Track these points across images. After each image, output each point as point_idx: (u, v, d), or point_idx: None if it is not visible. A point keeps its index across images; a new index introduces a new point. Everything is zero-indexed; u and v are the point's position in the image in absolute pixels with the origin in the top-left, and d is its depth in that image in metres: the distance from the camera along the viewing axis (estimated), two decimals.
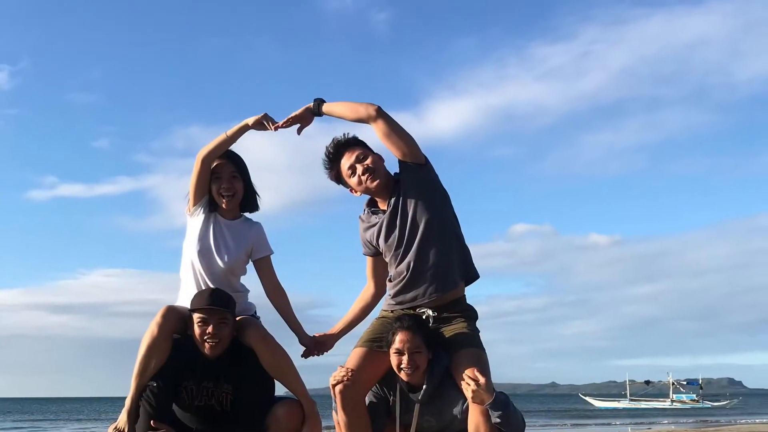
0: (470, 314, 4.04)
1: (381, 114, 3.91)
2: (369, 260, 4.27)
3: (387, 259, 4.10)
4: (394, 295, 4.05)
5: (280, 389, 4.11)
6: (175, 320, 3.94)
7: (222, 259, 4.11)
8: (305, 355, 4.30)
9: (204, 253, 4.12)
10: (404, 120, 4.04)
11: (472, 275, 4.11)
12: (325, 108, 4.07)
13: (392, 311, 4.07)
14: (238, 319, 4.01)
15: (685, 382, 67.25)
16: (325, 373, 4.01)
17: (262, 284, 4.32)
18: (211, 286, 4.04)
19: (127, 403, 3.93)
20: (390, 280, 4.11)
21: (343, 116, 4.03)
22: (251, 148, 4.40)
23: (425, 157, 4.03)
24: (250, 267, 4.30)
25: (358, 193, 4.13)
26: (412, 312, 3.98)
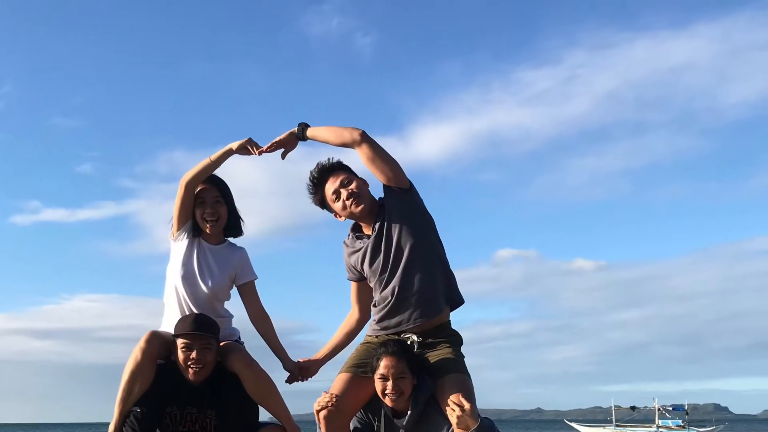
0: (455, 339, 4.01)
1: (365, 138, 3.91)
2: (354, 285, 4.24)
3: (372, 285, 4.07)
4: (379, 321, 4.02)
5: (264, 415, 4.07)
6: (158, 345, 3.91)
7: (206, 284, 4.08)
8: (289, 380, 4.26)
9: (188, 278, 4.08)
10: (389, 144, 4.05)
11: (457, 300, 4.08)
12: (309, 132, 4.06)
13: (377, 336, 4.04)
14: (222, 344, 3.98)
15: (671, 408, 66.58)
16: (310, 399, 3.97)
17: (246, 309, 4.28)
18: (195, 311, 4.01)
19: (111, 429, 3.89)
20: (375, 306, 4.08)
21: (327, 141, 4.02)
22: (235, 173, 4.39)
23: (410, 182, 4.02)
24: (234, 292, 4.26)
25: (343, 218, 4.11)
26: (396, 337, 3.95)
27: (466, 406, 3.59)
